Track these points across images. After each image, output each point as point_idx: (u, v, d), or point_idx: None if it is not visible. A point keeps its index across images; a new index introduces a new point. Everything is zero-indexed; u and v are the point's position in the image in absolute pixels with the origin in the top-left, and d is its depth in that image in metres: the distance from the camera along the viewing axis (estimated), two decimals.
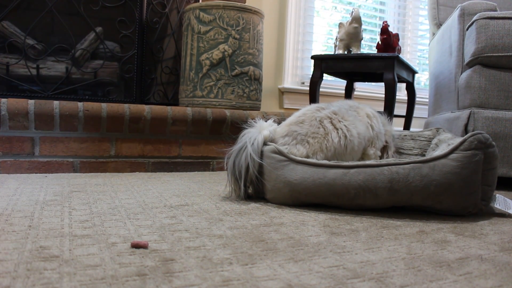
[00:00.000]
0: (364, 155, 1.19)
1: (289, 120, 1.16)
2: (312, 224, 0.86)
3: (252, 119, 1.16)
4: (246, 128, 1.12)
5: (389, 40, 1.93)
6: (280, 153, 1.04)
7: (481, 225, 0.91)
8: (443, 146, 1.21)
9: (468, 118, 1.50)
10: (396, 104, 1.88)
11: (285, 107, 2.51)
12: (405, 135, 1.44)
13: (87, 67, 1.78)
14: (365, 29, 2.76)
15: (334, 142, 1.07)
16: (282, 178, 1.02)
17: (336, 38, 2.03)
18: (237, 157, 1.06)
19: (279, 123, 1.20)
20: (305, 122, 1.11)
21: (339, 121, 1.10)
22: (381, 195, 0.95)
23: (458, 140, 0.97)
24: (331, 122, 1.10)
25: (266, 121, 1.15)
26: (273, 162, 1.04)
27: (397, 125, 2.67)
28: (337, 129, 1.09)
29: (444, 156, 0.94)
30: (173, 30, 2.01)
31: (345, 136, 1.08)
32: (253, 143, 1.06)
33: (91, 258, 0.60)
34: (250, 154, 1.04)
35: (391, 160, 0.98)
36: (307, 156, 1.06)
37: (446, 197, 0.94)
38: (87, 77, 1.77)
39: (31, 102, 1.38)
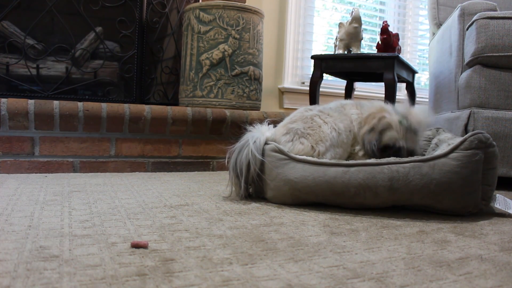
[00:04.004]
0: (352, 154, 1.19)
1: (282, 122, 1.20)
2: (312, 224, 0.86)
3: (251, 124, 1.20)
4: (248, 130, 1.15)
5: (389, 40, 1.93)
6: (280, 151, 1.04)
7: (481, 225, 0.91)
8: (443, 146, 1.21)
9: (468, 118, 1.50)
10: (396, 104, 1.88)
11: (285, 107, 2.51)
12: None
13: (87, 67, 1.77)
14: (365, 29, 2.76)
15: (327, 133, 1.11)
16: (282, 176, 1.02)
17: (336, 38, 2.03)
18: (239, 155, 1.07)
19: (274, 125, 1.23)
20: (297, 121, 1.15)
21: (326, 117, 1.15)
22: (381, 194, 0.95)
23: (459, 139, 0.97)
24: (320, 118, 1.14)
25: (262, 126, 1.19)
26: (273, 161, 1.04)
27: None
28: (326, 123, 1.13)
29: (444, 155, 0.94)
30: (173, 30, 2.01)
31: (335, 129, 1.12)
32: (255, 141, 1.07)
33: (91, 258, 0.60)
34: (252, 151, 1.04)
35: (391, 159, 0.98)
36: (312, 148, 1.09)
37: (446, 196, 0.94)
38: (87, 77, 1.77)
39: (31, 102, 1.38)
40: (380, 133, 1.12)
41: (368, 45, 2.84)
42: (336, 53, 2.02)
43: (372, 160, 0.98)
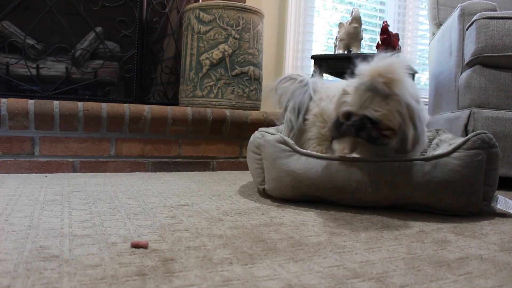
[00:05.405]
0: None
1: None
2: (312, 224, 0.86)
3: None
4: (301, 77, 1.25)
5: (389, 40, 1.93)
6: (285, 143, 1.05)
7: (481, 225, 0.91)
8: (444, 146, 1.21)
9: (468, 118, 1.50)
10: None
11: None
12: None
13: (87, 67, 1.77)
14: (365, 29, 2.76)
15: None
16: (285, 167, 1.02)
17: (336, 38, 2.04)
18: (300, 95, 1.18)
19: None
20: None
21: None
22: (382, 189, 0.95)
23: (461, 139, 0.98)
24: None
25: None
26: (277, 151, 1.04)
27: None
28: None
29: (447, 154, 0.94)
30: (173, 30, 2.01)
31: None
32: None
33: (91, 258, 0.60)
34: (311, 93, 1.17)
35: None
36: None
37: (447, 194, 0.94)
38: (87, 77, 1.77)
39: (31, 102, 1.38)
40: (338, 106, 0.92)
41: (368, 45, 2.84)
42: (336, 53, 2.02)
43: (376, 158, 0.98)
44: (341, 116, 0.90)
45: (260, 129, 1.20)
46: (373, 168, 0.96)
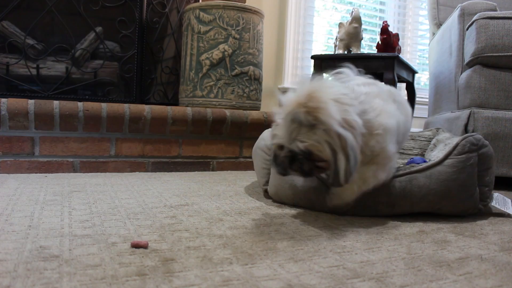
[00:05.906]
0: None
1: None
2: (312, 224, 0.86)
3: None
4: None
5: (389, 40, 1.93)
6: None
7: (481, 225, 0.91)
8: (441, 146, 1.21)
9: (468, 118, 1.50)
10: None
11: None
12: None
13: (87, 67, 1.77)
14: (365, 29, 2.76)
15: None
16: (288, 180, 1.02)
17: (336, 38, 2.04)
18: None
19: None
20: None
21: None
22: (381, 210, 0.95)
23: (455, 140, 0.97)
24: None
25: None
26: None
27: None
28: None
29: (439, 163, 0.94)
30: (173, 30, 2.01)
31: None
32: None
33: (91, 258, 0.60)
34: None
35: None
36: None
37: (445, 204, 0.94)
38: (87, 77, 1.77)
39: (31, 102, 1.38)
40: (272, 138, 0.85)
41: (368, 45, 2.84)
42: (336, 53, 2.02)
43: None
44: (275, 148, 0.83)
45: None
46: (370, 190, 0.94)
